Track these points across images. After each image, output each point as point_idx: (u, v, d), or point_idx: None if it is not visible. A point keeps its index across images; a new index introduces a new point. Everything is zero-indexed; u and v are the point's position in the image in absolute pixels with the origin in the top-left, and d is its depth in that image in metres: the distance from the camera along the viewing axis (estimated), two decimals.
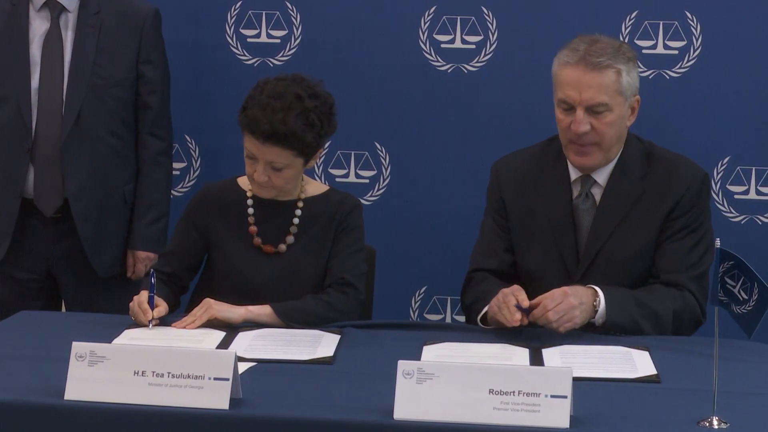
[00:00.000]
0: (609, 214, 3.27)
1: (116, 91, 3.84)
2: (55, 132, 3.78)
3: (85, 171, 3.82)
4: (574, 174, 3.31)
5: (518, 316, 3.04)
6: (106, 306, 3.81)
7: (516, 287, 3.14)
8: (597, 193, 3.30)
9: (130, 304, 3.20)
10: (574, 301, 3.05)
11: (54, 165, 3.79)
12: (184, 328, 3.12)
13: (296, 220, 3.33)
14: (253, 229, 3.33)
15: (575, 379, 2.44)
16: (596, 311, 3.11)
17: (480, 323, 3.24)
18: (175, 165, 4.26)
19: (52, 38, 3.79)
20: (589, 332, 3.12)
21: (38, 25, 3.80)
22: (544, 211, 3.33)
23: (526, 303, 3.07)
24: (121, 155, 3.89)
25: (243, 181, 3.38)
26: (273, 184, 3.25)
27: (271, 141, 3.17)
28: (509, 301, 3.07)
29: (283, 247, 3.33)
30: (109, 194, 3.88)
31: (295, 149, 3.20)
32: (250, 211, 3.34)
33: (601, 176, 3.29)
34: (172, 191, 4.07)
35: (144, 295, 3.18)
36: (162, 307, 3.18)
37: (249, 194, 3.35)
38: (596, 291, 3.12)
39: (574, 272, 3.27)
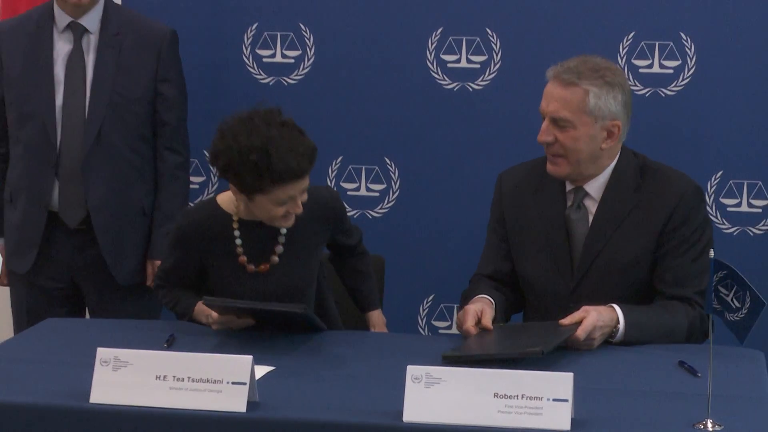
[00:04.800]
0: (603, 226, 3.25)
1: (135, 108, 3.85)
2: (78, 147, 3.79)
3: (106, 184, 3.83)
4: (569, 185, 3.31)
5: (470, 325, 3.08)
6: (128, 312, 3.83)
7: (484, 308, 3.15)
8: (590, 205, 3.27)
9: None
10: (597, 333, 3.04)
11: (77, 179, 3.80)
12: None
13: (283, 230, 3.20)
14: (243, 259, 3.21)
15: None
16: (614, 334, 3.08)
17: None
18: (194, 179, 4.27)
19: (75, 58, 3.81)
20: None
21: (62, 46, 3.82)
22: (539, 220, 3.32)
23: (488, 325, 3.10)
24: (140, 169, 3.90)
25: (224, 202, 3.23)
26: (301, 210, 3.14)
27: (309, 169, 3.08)
28: (468, 315, 3.11)
29: (275, 258, 3.22)
30: (128, 207, 3.88)
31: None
32: (238, 241, 3.21)
33: (593, 188, 3.26)
34: (192, 204, 4.08)
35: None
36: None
37: (235, 218, 3.20)
38: (617, 314, 3.08)
39: (570, 281, 3.26)
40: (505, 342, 3.04)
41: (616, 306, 3.10)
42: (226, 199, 3.23)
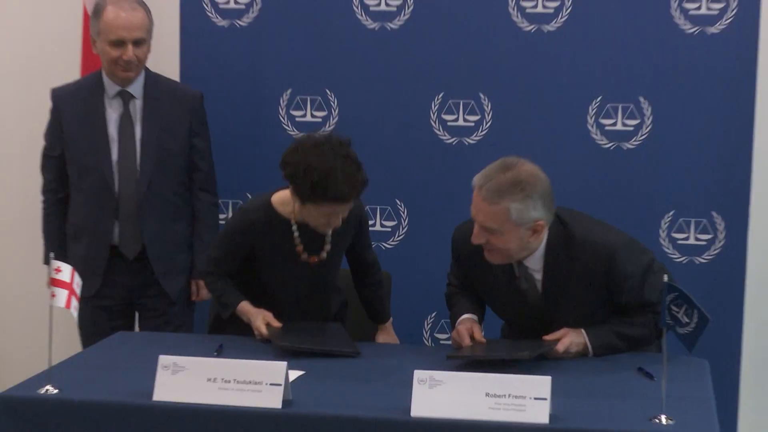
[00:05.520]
0: (553, 293, 3.09)
1: (176, 159, 3.88)
2: (133, 194, 3.83)
3: (157, 223, 3.86)
4: None
5: (468, 341, 3.10)
6: (175, 323, 3.91)
7: (473, 326, 3.16)
8: (535, 273, 3.10)
9: (257, 323, 3.22)
10: (573, 348, 3.06)
11: (134, 219, 3.84)
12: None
13: (329, 231, 3.28)
14: (300, 248, 3.28)
15: None
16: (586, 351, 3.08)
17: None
18: None
19: (125, 121, 3.83)
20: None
21: (113, 111, 3.83)
22: (493, 289, 3.21)
23: (481, 339, 3.12)
24: (181, 208, 3.93)
25: (280, 205, 3.26)
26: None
27: (355, 197, 3.16)
28: (463, 336, 3.12)
29: (324, 254, 3.31)
30: (175, 238, 3.92)
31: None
32: (296, 234, 3.26)
33: (532, 262, 3.09)
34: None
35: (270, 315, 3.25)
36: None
37: (293, 221, 3.24)
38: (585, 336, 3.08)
39: (539, 330, 3.12)
40: (497, 349, 3.07)
41: (584, 332, 3.08)
42: (281, 201, 3.25)
